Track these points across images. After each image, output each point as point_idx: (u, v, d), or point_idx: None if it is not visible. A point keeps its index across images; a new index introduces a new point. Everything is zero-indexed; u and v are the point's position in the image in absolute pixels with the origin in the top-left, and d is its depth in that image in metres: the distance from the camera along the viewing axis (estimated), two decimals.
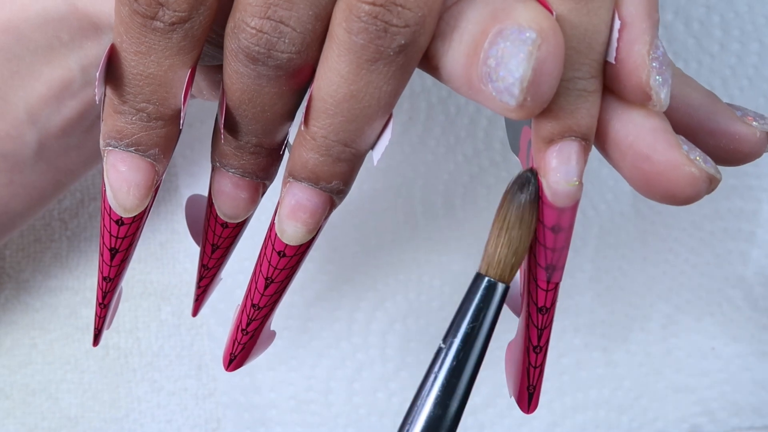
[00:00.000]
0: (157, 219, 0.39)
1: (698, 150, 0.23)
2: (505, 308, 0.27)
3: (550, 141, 0.23)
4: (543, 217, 0.23)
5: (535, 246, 0.24)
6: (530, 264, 0.25)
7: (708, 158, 0.23)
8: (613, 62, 0.22)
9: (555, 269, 0.24)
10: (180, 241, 0.39)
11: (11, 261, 0.39)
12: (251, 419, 0.39)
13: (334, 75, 0.23)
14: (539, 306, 0.25)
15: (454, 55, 0.23)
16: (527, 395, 0.26)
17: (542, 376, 0.26)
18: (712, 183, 0.23)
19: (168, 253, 0.39)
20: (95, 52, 0.29)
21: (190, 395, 0.39)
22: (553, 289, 0.25)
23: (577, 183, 0.23)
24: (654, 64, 0.22)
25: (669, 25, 0.39)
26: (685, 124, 0.25)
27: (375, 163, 0.24)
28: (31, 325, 0.39)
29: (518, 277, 0.26)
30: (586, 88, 0.22)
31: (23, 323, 0.39)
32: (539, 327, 0.25)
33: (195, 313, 0.31)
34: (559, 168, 0.23)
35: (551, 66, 0.21)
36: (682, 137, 0.23)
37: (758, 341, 0.39)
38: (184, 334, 0.39)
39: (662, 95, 0.22)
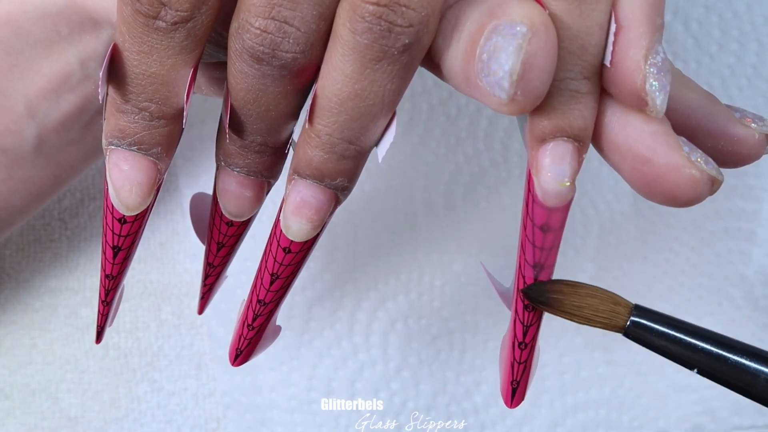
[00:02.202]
0: (157, 219, 0.39)
1: (699, 151, 0.23)
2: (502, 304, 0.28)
3: (543, 140, 0.23)
4: (533, 215, 0.23)
5: (525, 242, 0.24)
6: (520, 260, 0.25)
7: (710, 159, 0.23)
8: (608, 66, 0.22)
9: (543, 268, 0.24)
10: (180, 241, 0.39)
11: (11, 261, 0.39)
12: (252, 419, 0.39)
13: (339, 74, 0.23)
14: (526, 303, 0.25)
15: (454, 52, 0.23)
16: (511, 390, 0.27)
17: (528, 372, 0.26)
18: (713, 185, 0.23)
19: (168, 253, 0.39)
20: (94, 46, 0.29)
21: (190, 395, 0.39)
22: None
23: (568, 184, 0.23)
24: (651, 70, 0.22)
25: (668, 25, 0.39)
26: (683, 126, 0.25)
27: (380, 160, 0.24)
28: (31, 325, 0.39)
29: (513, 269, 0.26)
30: (579, 89, 0.22)
31: (23, 323, 0.39)
32: (525, 324, 0.25)
33: (201, 311, 0.31)
34: (550, 167, 0.23)
35: (542, 60, 0.21)
36: (684, 138, 0.23)
37: (759, 340, 0.39)
38: (184, 334, 0.39)
39: (658, 101, 0.22)
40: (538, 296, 0.25)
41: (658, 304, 0.39)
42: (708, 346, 0.24)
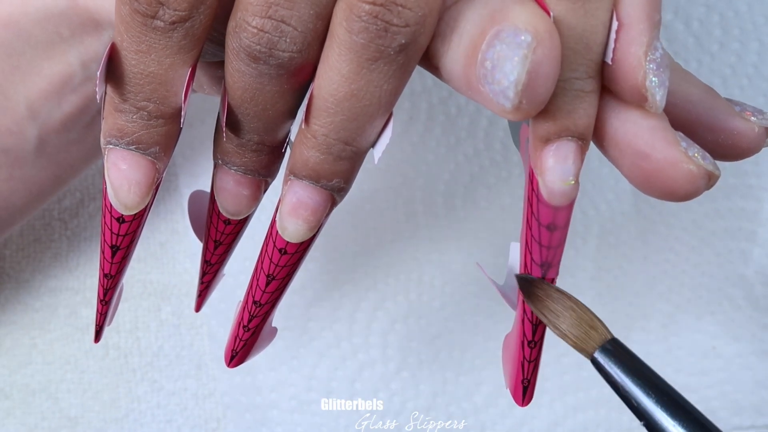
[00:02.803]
0: (157, 219, 0.39)
1: (697, 146, 0.23)
2: (505, 304, 0.28)
3: (547, 140, 0.23)
4: (539, 215, 0.24)
5: (531, 243, 0.24)
6: (526, 260, 0.25)
7: (707, 154, 0.23)
8: (610, 63, 0.22)
9: (550, 266, 0.25)
10: (180, 241, 0.39)
11: (11, 261, 0.39)
12: (252, 419, 0.39)
13: (335, 74, 0.23)
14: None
15: (454, 55, 0.23)
16: (522, 388, 0.27)
17: (537, 370, 0.26)
18: (711, 179, 0.23)
19: (168, 253, 0.39)
20: (95, 48, 0.29)
21: (190, 395, 0.39)
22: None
23: (572, 182, 0.23)
24: (651, 66, 0.22)
25: (669, 24, 0.39)
26: (683, 119, 0.25)
27: (376, 161, 0.24)
28: (31, 325, 0.39)
29: (516, 267, 0.26)
30: (583, 89, 0.22)
31: (23, 323, 0.39)
32: (534, 322, 0.25)
33: (198, 308, 0.31)
34: (555, 167, 0.23)
35: (546, 69, 0.21)
36: (681, 134, 0.23)
37: (759, 340, 0.39)
38: (184, 334, 0.39)
39: (658, 97, 0.22)
40: (526, 286, 0.25)
41: (658, 304, 0.39)
42: (659, 409, 0.24)
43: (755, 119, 0.25)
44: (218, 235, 0.28)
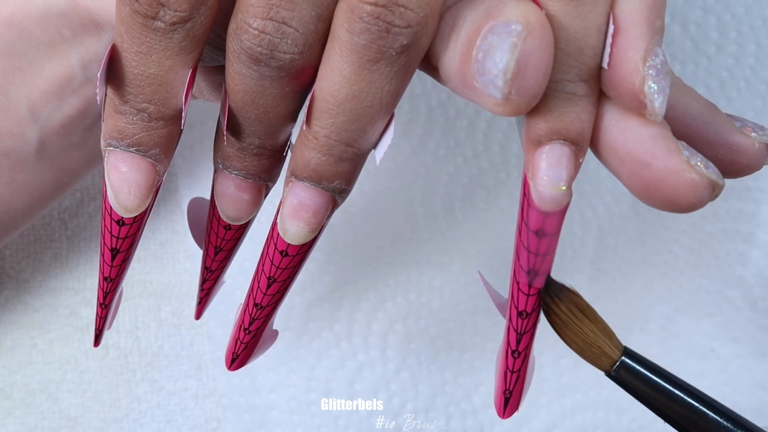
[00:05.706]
0: (157, 219, 0.39)
1: (699, 155, 0.22)
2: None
3: (539, 143, 0.23)
4: (528, 220, 0.23)
5: (520, 248, 0.24)
6: (514, 266, 0.24)
7: (710, 164, 0.22)
8: (606, 67, 0.22)
9: (537, 274, 0.24)
10: (180, 241, 0.39)
11: (11, 261, 0.39)
12: (251, 421, 0.39)
13: (336, 75, 0.23)
14: (520, 310, 0.25)
15: (451, 54, 0.23)
16: (503, 399, 0.26)
17: (522, 382, 0.26)
18: (714, 189, 0.22)
19: (168, 253, 0.39)
20: (96, 49, 0.29)
21: (190, 395, 0.39)
22: (536, 294, 0.24)
23: (564, 188, 0.22)
24: (650, 72, 0.22)
25: (666, 27, 0.39)
26: (683, 134, 0.24)
27: (377, 162, 0.24)
28: (31, 325, 0.39)
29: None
30: (575, 92, 0.22)
31: (23, 323, 0.39)
32: (519, 331, 0.25)
33: (198, 316, 0.31)
34: (546, 171, 0.22)
35: (536, 59, 0.21)
36: (684, 143, 0.23)
37: (758, 342, 0.39)
38: (184, 334, 0.39)
39: (656, 104, 0.22)
40: (548, 295, 0.24)
41: (656, 306, 0.39)
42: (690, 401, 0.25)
43: (756, 135, 0.24)
44: (219, 241, 0.28)
